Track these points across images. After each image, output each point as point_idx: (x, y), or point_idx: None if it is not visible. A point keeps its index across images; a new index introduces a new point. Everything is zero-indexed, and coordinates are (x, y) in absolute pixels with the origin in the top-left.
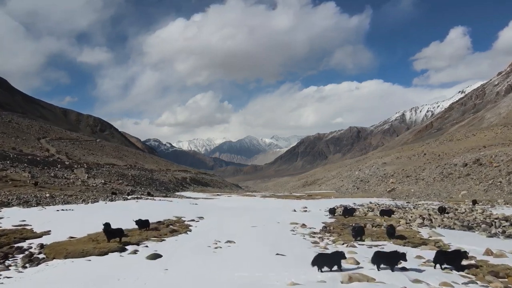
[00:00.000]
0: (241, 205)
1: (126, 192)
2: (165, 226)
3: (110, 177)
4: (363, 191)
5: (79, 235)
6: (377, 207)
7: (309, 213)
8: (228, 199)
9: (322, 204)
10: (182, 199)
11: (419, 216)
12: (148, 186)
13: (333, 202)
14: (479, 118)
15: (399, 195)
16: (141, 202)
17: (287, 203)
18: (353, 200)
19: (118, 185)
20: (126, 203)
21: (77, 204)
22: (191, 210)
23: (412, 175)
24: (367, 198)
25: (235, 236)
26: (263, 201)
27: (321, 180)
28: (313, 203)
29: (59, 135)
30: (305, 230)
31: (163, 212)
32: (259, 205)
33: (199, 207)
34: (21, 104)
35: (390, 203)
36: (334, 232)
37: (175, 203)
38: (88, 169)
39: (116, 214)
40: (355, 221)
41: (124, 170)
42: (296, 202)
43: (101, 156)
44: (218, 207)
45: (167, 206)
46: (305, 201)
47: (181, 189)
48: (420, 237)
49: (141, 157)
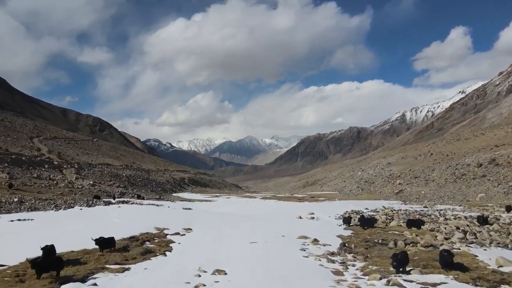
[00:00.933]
0: (239, 210)
1: (114, 194)
2: (138, 245)
3: (102, 177)
4: (368, 193)
5: (11, 261)
6: (396, 214)
7: (318, 221)
8: (227, 201)
9: (329, 208)
10: (176, 202)
11: (457, 228)
12: (143, 187)
13: (340, 205)
14: (480, 118)
15: (408, 197)
16: (125, 207)
17: (290, 206)
18: (361, 203)
19: (108, 187)
20: (105, 210)
21: (45, 211)
22: (180, 218)
23: (421, 175)
24: (375, 201)
25: (227, 261)
26: (264, 204)
27: (322, 180)
28: (319, 207)
29: (54, 135)
30: (319, 248)
31: (145, 221)
32: (259, 210)
33: (191, 213)
34: (19, 103)
35: (405, 207)
36: (358, 253)
37: (164, 209)
38: (79, 170)
39: (83, 227)
40: (377, 234)
41: (118, 171)
42: (299, 205)
43: (96, 156)
44: (213, 213)
45: (153, 212)
46: (309, 204)
47: (178, 190)
48: (485, 266)
49: (139, 157)
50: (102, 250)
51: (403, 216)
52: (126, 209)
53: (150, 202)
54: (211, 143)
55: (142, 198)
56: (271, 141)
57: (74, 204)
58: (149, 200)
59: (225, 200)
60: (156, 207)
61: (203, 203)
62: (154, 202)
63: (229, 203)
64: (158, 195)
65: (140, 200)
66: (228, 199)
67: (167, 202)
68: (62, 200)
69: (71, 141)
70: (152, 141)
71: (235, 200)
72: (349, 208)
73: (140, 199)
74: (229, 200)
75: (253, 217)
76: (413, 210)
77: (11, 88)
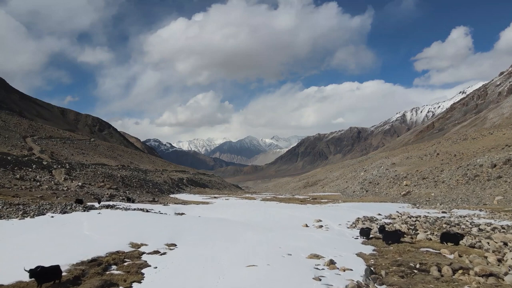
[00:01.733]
0: (237, 215)
1: (100, 198)
2: (98, 272)
3: (95, 178)
4: (373, 194)
5: None
6: (417, 222)
7: (328, 232)
8: (225, 204)
9: (337, 214)
10: (169, 205)
11: (504, 244)
12: (138, 188)
13: (349, 210)
14: (481, 118)
15: (417, 200)
16: (105, 214)
17: (294, 211)
18: (370, 207)
19: (99, 188)
20: (80, 218)
21: (8, 219)
22: (166, 228)
23: (429, 176)
24: (383, 204)
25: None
26: (264, 207)
27: (323, 181)
28: (326, 212)
29: (49, 134)
30: (338, 275)
31: (122, 233)
32: (259, 215)
33: (182, 220)
34: (17, 102)
35: (421, 212)
36: (393, 285)
37: (151, 216)
38: (70, 170)
39: (38, 243)
40: (408, 253)
41: (113, 171)
42: (303, 209)
43: (92, 156)
44: (207, 220)
45: (136, 221)
46: (313, 208)
47: (176, 190)
48: None
49: (137, 157)
50: (41, 284)
51: (426, 226)
52: (105, 216)
53: (138, 207)
54: (211, 143)
55: (132, 201)
56: (271, 141)
57: (48, 210)
58: (140, 203)
59: (223, 202)
60: (142, 213)
61: (199, 206)
62: (143, 206)
63: (227, 205)
64: (152, 197)
65: (129, 203)
66: (227, 201)
67: (159, 205)
68: (36, 205)
69: (67, 141)
70: (152, 141)
71: (234, 202)
72: (360, 214)
73: (130, 203)
74: (227, 202)
75: (253, 226)
76: (433, 216)
77: (9, 87)
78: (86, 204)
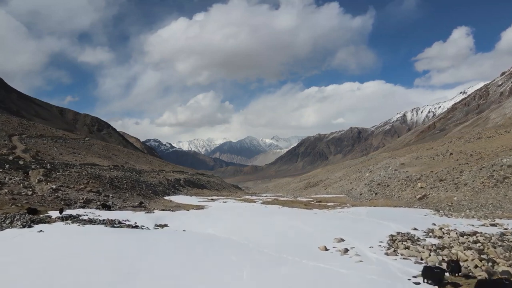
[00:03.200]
0: (231, 230)
1: (77, 202)
2: None
3: (78, 180)
4: (384, 197)
5: None
6: (486, 246)
7: (364, 264)
8: (221, 208)
9: (359, 227)
10: (154, 212)
11: None
12: (128, 190)
13: (370, 219)
14: (483, 118)
15: (437, 205)
16: (45, 235)
17: (303, 222)
18: (393, 215)
19: (77, 191)
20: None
21: None
22: (114, 265)
23: (447, 178)
24: (401, 209)
25: None
26: (265, 215)
27: (324, 181)
28: (344, 224)
29: (40, 133)
30: None
31: (44, 276)
32: (260, 230)
33: (152, 243)
34: (16, 102)
35: (454, 221)
36: None
37: (111, 236)
38: (50, 171)
39: None
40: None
41: (103, 171)
42: (313, 218)
43: (84, 156)
44: (187, 243)
45: (77, 251)
46: (321, 214)
47: (172, 192)
48: None
49: (134, 157)
50: None
51: (500, 251)
52: (40, 239)
53: (110, 217)
54: (211, 143)
55: (109, 208)
56: (271, 141)
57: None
58: (120, 210)
59: (220, 206)
60: (102, 231)
61: (190, 212)
62: (119, 215)
63: (223, 210)
64: (141, 201)
65: (101, 211)
66: (225, 204)
67: (141, 213)
68: None
69: (58, 140)
70: (152, 141)
71: (232, 206)
72: (389, 227)
73: (105, 210)
74: (224, 206)
75: (250, 250)
76: (484, 230)
77: (7, 87)
78: (40, 215)
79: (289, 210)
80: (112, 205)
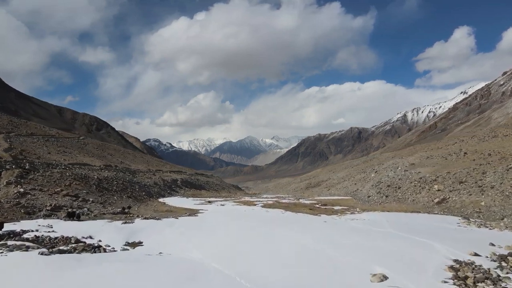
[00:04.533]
0: (222, 256)
1: (42, 210)
2: None
3: (60, 181)
4: (396, 201)
5: None
6: None
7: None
8: (218, 211)
9: (395, 250)
10: (135, 221)
11: None
12: (118, 192)
13: (399, 235)
14: (485, 118)
15: (462, 210)
16: None
17: (315, 243)
18: (446, 239)
19: (50, 196)
20: None
21: None
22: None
23: (468, 180)
24: (420, 215)
25: None
26: (266, 221)
27: (326, 182)
28: (373, 246)
29: (31, 131)
30: None
31: None
32: (261, 253)
33: (111, 271)
34: (14, 101)
35: (502, 235)
36: None
37: (51, 268)
38: (28, 171)
39: None
40: None
41: (92, 172)
42: (328, 232)
43: (75, 155)
44: (161, 270)
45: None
46: (333, 223)
47: (168, 193)
48: None
49: (130, 156)
50: None
51: None
52: None
53: (62, 236)
54: (211, 143)
55: (77, 217)
56: (271, 141)
57: None
58: (94, 219)
59: (216, 210)
60: (17, 271)
61: (179, 221)
62: (78, 231)
63: (218, 217)
64: (130, 204)
65: (65, 223)
66: (222, 207)
67: (115, 224)
68: None
69: (50, 139)
70: (152, 141)
71: (229, 210)
72: (439, 251)
73: (71, 220)
74: (221, 210)
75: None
76: None
77: (4, 85)
78: None
79: (294, 217)
80: (87, 212)
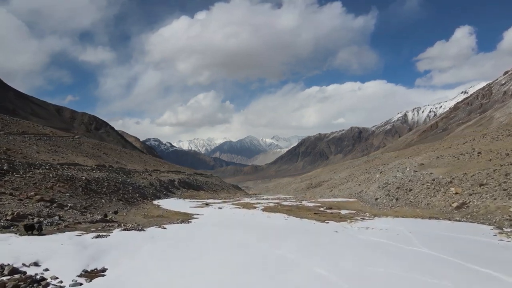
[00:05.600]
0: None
1: (1, 220)
2: None
3: (42, 183)
4: (408, 204)
5: None
6: None
7: None
8: (215, 215)
9: (443, 284)
10: (111, 235)
11: None
12: (108, 195)
13: (430, 253)
14: (487, 118)
15: (488, 217)
16: None
17: (335, 276)
18: (496, 263)
19: (20, 201)
20: None
21: None
22: None
23: (490, 182)
24: (442, 222)
25: None
26: (268, 232)
27: (328, 182)
28: (411, 278)
29: (23, 129)
30: None
31: None
32: (258, 277)
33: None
34: (13, 101)
35: None
36: None
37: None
38: (6, 172)
39: None
40: None
41: (81, 172)
42: (346, 254)
43: (66, 155)
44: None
45: None
46: (345, 234)
47: (164, 195)
48: None
49: (127, 156)
50: None
51: None
52: None
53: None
54: (211, 143)
55: (38, 230)
56: (271, 141)
57: None
58: (58, 232)
59: (212, 214)
60: None
61: (165, 234)
62: (29, 250)
63: (213, 225)
64: (118, 208)
65: (20, 238)
66: (220, 210)
67: (83, 239)
68: None
69: (43, 137)
70: (152, 141)
71: (227, 215)
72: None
73: (28, 233)
74: (218, 215)
75: None
76: None
77: (3, 85)
78: None
79: (299, 224)
80: (57, 222)
